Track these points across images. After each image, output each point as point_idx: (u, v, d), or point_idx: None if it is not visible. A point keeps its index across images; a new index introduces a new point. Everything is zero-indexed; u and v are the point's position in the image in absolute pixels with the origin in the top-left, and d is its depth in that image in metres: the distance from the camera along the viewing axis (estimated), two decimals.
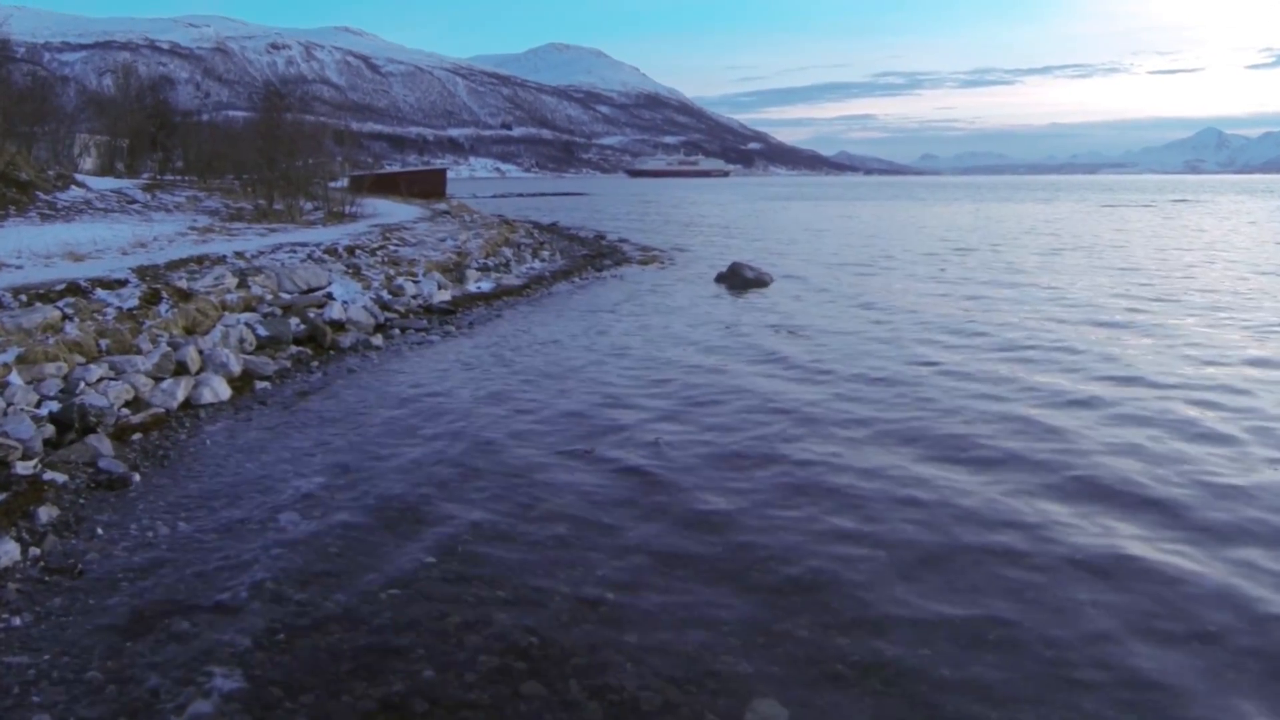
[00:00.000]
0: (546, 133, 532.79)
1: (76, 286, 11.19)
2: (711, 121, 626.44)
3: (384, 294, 15.79)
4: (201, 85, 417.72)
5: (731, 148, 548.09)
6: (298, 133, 31.24)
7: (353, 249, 18.73)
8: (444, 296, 16.85)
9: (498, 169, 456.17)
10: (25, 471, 7.27)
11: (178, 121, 48.95)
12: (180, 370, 10.06)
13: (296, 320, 13.02)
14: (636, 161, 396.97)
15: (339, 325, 13.56)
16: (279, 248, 17.97)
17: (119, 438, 8.42)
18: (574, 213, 59.10)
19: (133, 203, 26.61)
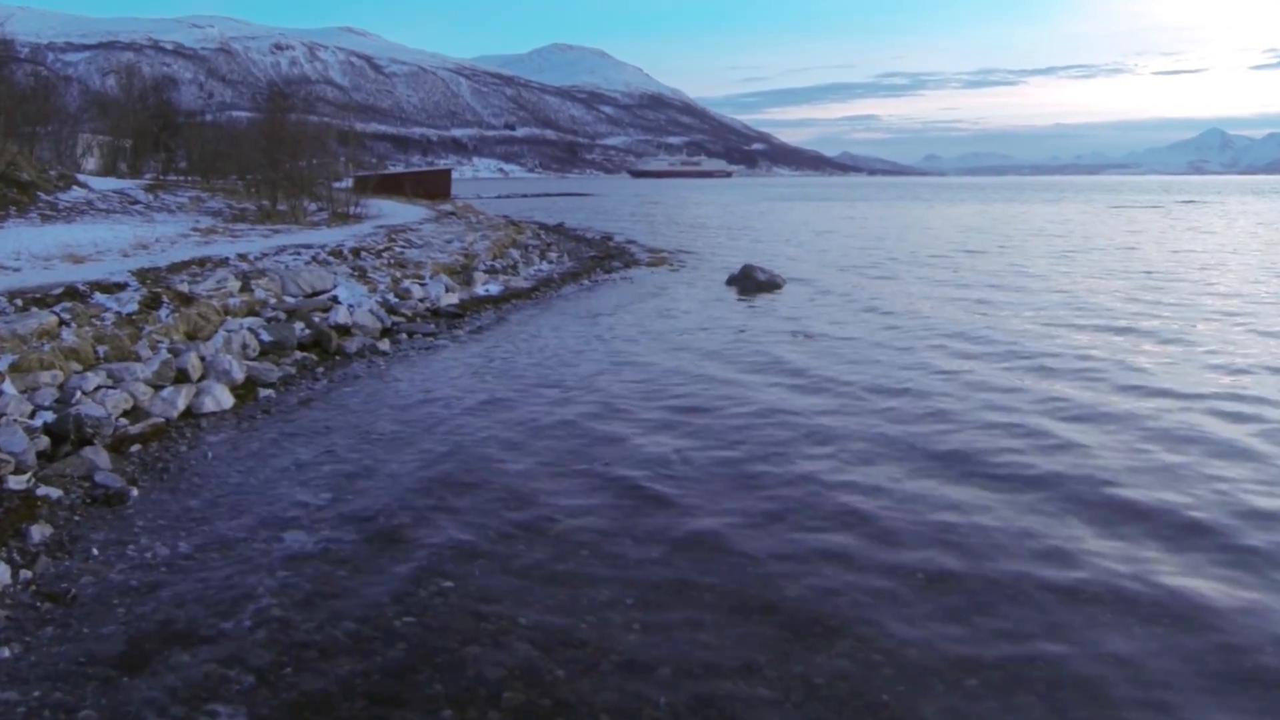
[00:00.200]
0: (550, 133, 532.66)
1: (74, 290, 10.83)
2: (715, 122, 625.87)
3: (390, 297, 15.43)
4: (205, 86, 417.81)
5: (735, 148, 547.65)
6: (302, 132, 30.90)
7: (358, 251, 18.36)
8: (451, 300, 16.49)
9: (501, 169, 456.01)
10: (18, 486, 6.93)
11: (181, 121, 48.73)
12: (181, 378, 9.70)
13: (301, 325, 12.67)
14: (639, 162, 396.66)
15: (344, 330, 13.21)
16: (283, 249, 17.62)
17: (116, 449, 8.08)
18: (579, 213, 58.77)
19: (135, 203, 26.31)
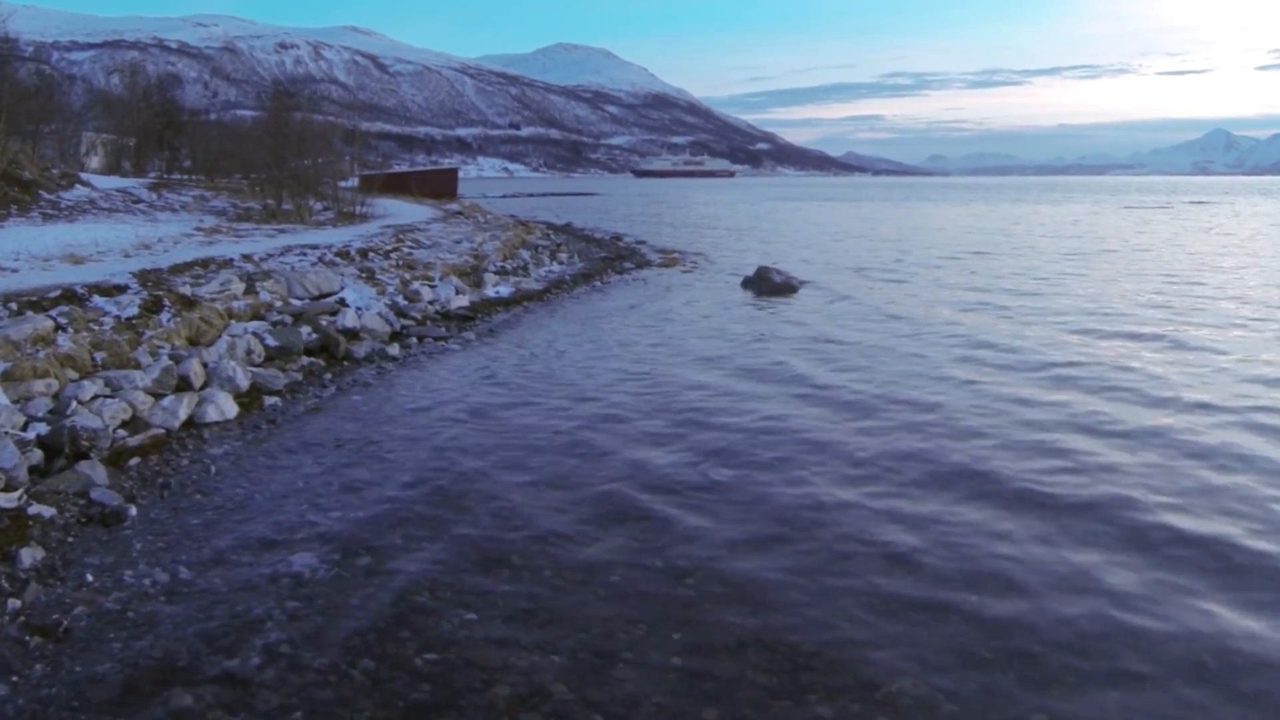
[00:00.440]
0: (555, 133, 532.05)
1: (72, 293, 10.38)
2: (720, 122, 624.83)
3: (399, 299, 14.97)
4: (210, 85, 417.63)
5: (740, 148, 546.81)
6: (308, 131, 30.47)
7: (365, 251, 17.90)
8: (462, 302, 16.02)
9: (506, 169, 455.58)
10: (8, 505, 6.48)
11: (185, 120, 48.37)
12: (182, 386, 9.24)
13: (308, 329, 12.20)
14: (642, 162, 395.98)
15: (353, 334, 12.75)
16: (288, 250, 17.17)
17: (114, 463, 7.63)
18: (585, 213, 58.34)
19: (138, 202, 25.89)
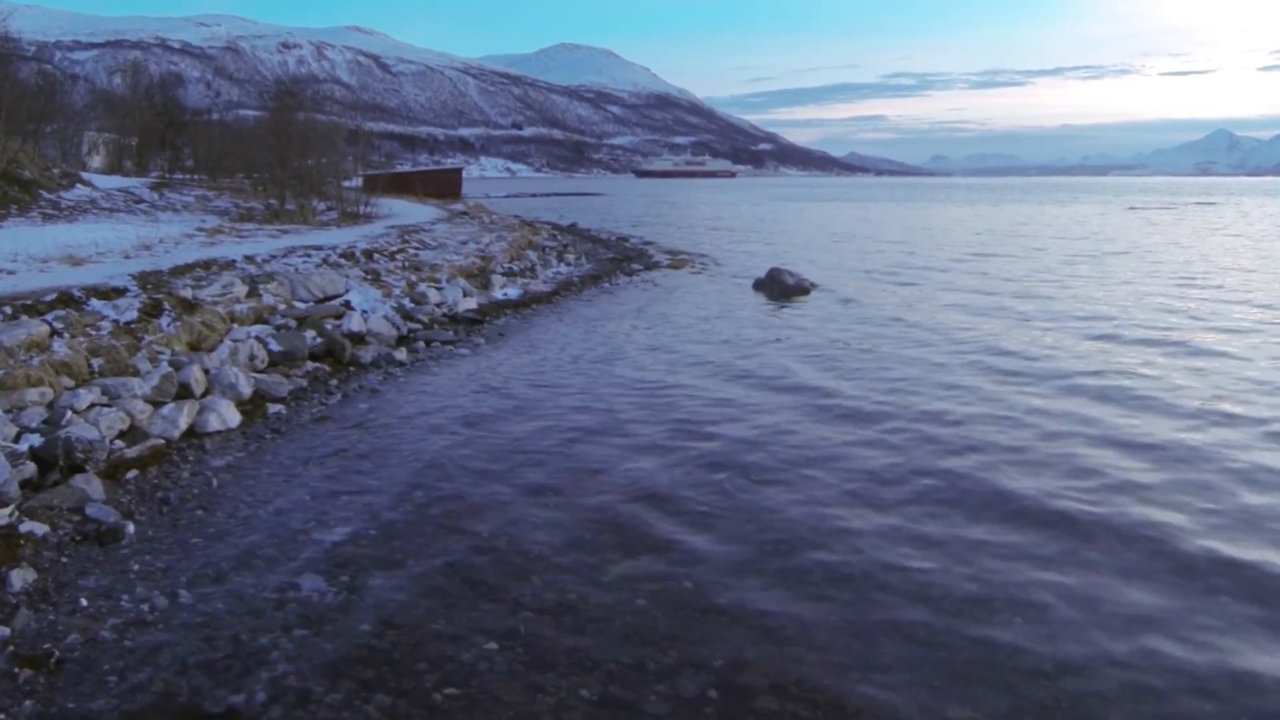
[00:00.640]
0: (557, 133, 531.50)
1: (69, 296, 10.01)
2: (722, 122, 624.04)
3: (406, 302, 14.60)
4: (212, 84, 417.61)
5: (742, 148, 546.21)
6: (311, 130, 30.11)
7: (371, 253, 17.53)
8: (470, 304, 15.65)
9: (508, 169, 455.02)
10: None
11: (187, 120, 48.02)
12: (183, 393, 8.88)
13: (312, 333, 11.83)
14: (644, 162, 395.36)
15: (358, 338, 12.38)
16: (292, 251, 16.81)
17: (111, 476, 7.27)
18: (590, 213, 57.95)
19: (139, 202, 25.55)
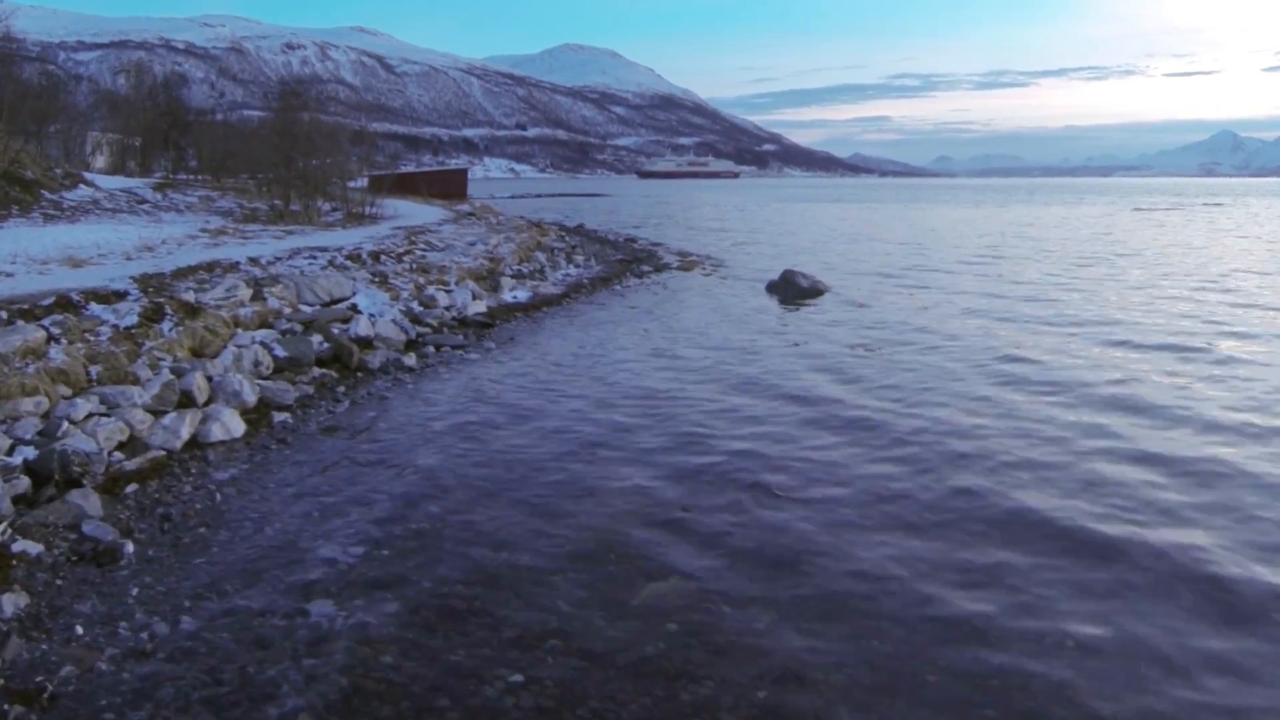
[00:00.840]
0: (561, 133, 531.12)
1: (67, 300, 9.66)
2: (726, 123, 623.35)
3: (414, 305, 14.24)
4: (216, 85, 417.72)
5: (746, 149, 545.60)
6: (316, 130, 29.77)
7: (378, 254, 17.17)
8: (479, 308, 15.28)
9: (512, 169, 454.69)
10: None
11: (191, 120, 47.75)
12: (185, 402, 8.53)
13: (319, 338, 11.47)
14: (647, 163, 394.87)
15: (366, 343, 12.02)
16: (297, 252, 16.46)
17: (109, 491, 6.91)
18: (596, 214, 57.57)
19: (142, 203, 25.26)
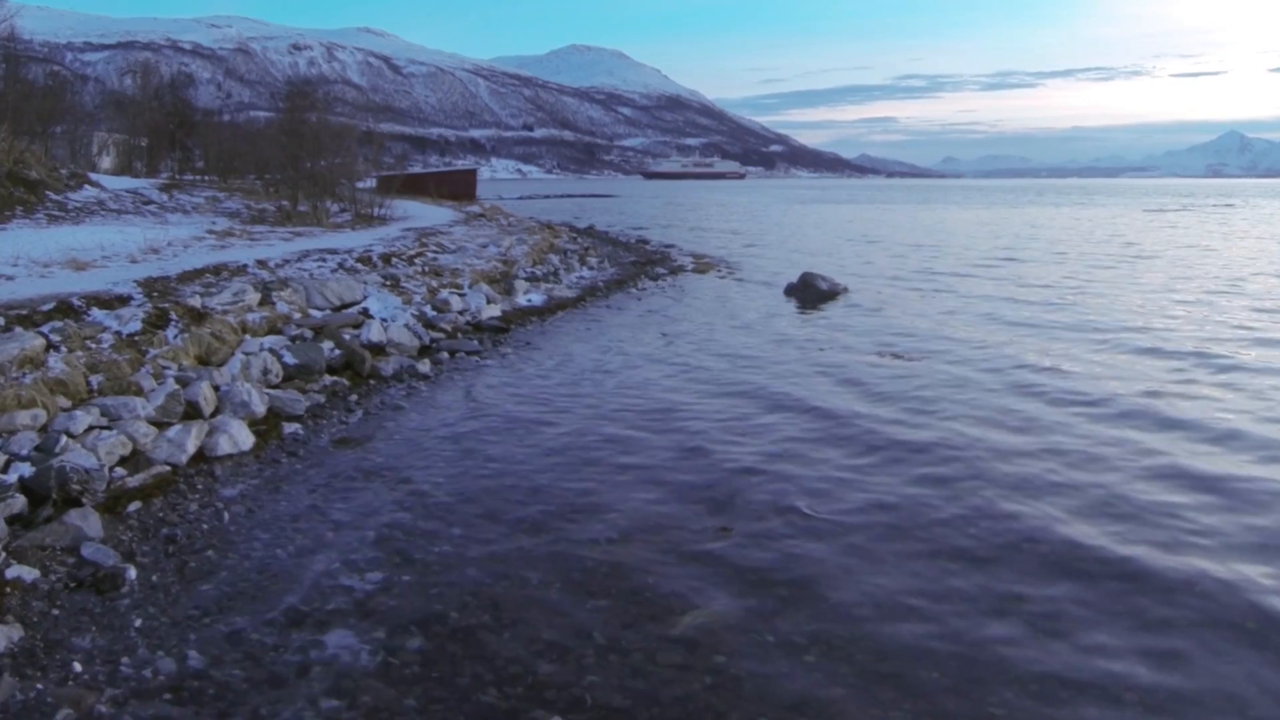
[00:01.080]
0: (568, 134, 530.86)
1: (68, 305, 9.25)
2: (733, 123, 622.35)
3: (427, 310, 13.82)
4: (223, 85, 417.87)
5: (753, 150, 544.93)
6: (324, 130, 29.39)
7: (388, 257, 16.76)
8: (494, 312, 14.85)
9: (519, 170, 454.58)
10: None
11: (198, 120, 47.41)
12: (191, 413, 8.11)
13: (329, 344, 11.05)
14: (652, 163, 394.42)
15: (379, 349, 11.60)
16: (306, 255, 16.06)
17: (111, 510, 6.51)
18: (605, 215, 57.14)
19: (148, 203, 24.87)
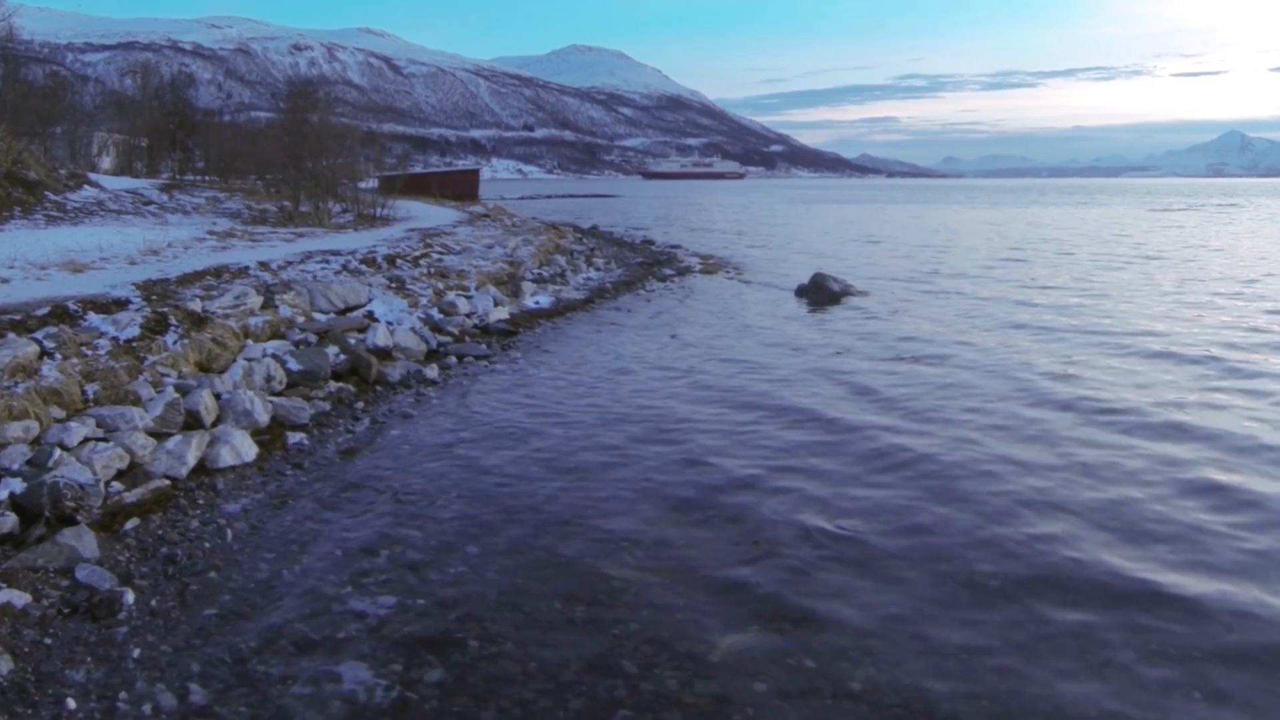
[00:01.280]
0: (569, 134, 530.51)
1: (63, 310, 8.91)
2: (734, 123, 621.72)
3: (434, 313, 13.48)
4: (224, 86, 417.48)
5: (754, 150, 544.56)
6: (326, 131, 29.06)
7: (393, 258, 16.42)
8: (501, 314, 14.52)
9: (520, 170, 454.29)
10: None
11: (199, 120, 47.07)
12: (191, 423, 7.77)
13: (334, 349, 10.72)
14: (652, 163, 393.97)
15: (384, 353, 11.27)
16: (308, 256, 15.72)
17: (107, 527, 6.17)
18: (608, 215, 56.79)
19: (148, 204, 24.54)
